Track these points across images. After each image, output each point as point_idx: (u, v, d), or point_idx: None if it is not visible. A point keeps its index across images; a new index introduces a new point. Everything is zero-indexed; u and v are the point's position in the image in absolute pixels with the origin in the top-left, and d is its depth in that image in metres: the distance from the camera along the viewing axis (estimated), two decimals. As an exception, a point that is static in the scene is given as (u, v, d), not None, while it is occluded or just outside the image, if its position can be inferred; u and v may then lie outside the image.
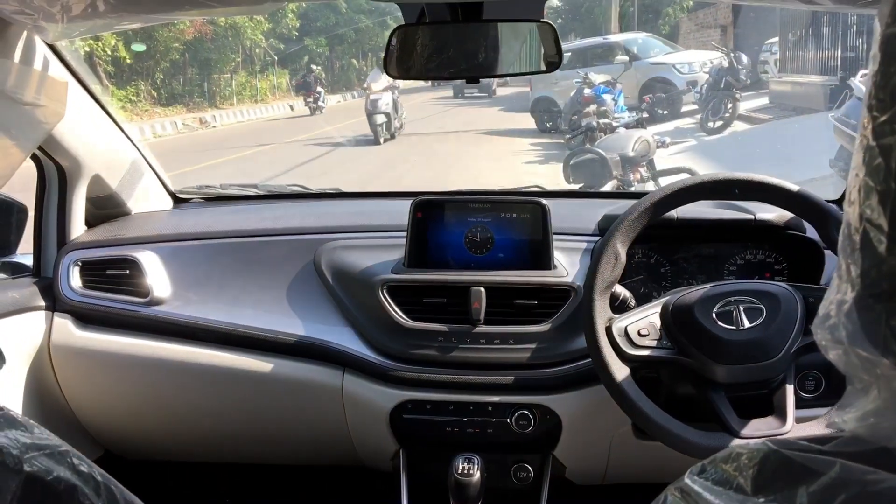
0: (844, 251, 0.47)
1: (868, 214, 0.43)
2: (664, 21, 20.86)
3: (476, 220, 1.62)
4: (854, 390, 0.48)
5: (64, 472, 0.61)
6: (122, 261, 1.71)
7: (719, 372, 1.28)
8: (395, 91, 12.55)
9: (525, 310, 1.57)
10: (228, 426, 1.80)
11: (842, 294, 0.47)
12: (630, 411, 1.32)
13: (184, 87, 18.92)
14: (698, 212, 1.61)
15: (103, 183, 1.80)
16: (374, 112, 12.20)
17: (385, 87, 12.16)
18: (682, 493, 0.51)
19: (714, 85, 10.80)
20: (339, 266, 1.67)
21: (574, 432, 1.59)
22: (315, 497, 2.19)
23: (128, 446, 1.92)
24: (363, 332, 1.62)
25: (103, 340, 1.69)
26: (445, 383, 1.57)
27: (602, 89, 9.16)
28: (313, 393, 1.65)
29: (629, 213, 1.38)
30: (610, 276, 1.37)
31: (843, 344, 0.46)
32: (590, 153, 6.03)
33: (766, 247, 1.67)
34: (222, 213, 1.95)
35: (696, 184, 1.38)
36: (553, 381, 1.55)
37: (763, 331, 1.27)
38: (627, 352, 1.32)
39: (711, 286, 1.34)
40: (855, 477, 0.42)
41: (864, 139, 0.44)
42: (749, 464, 0.49)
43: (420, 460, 1.66)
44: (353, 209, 1.96)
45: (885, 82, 0.42)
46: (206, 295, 1.72)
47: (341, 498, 2.14)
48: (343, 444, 1.70)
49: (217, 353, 1.66)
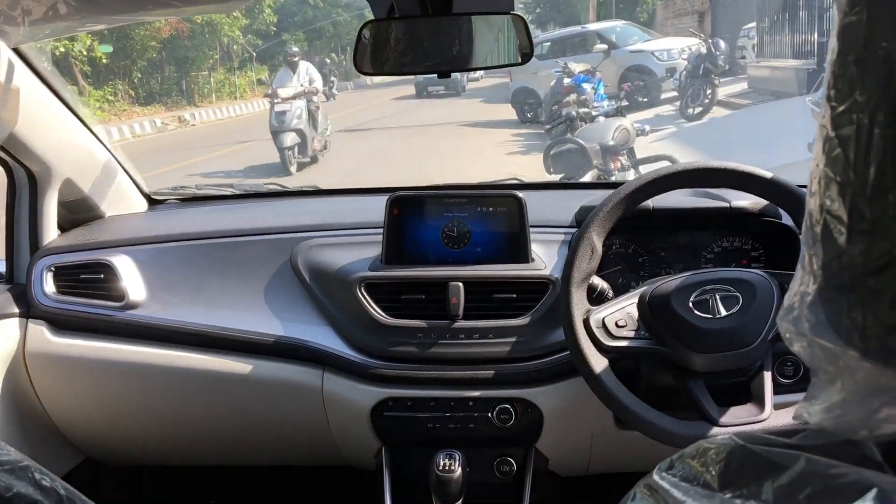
0: (807, 243, 0.46)
1: (828, 206, 0.43)
2: (642, 9, 20.91)
3: (453, 214, 1.62)
4: (819, 382, 0.47)
5: (25, 488, 0.60)
6: (96, 265, 1.69)
7: (697, 361, 1.28)
8: (315, 97, 9.65)
9: (504, 304, 1.56)
10: (209, 429, 1.78)
11: (805, 286, 0.46)
12: (609, 403, 1.32)
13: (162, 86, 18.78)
14: (674, 201, 1.61)
15: (75, 187, 1.78)
16: (280, 129, 9.00)
17: (297, 92, 9.29)
18: (651, 490, 0.51)
19: (693, 72, 10.84)
20: (316, 264, 1.66)
21: (556, 425, 1.59)
22: (299, 497, 2.18)
23: (108, 452, 1.90)
24: (342, 331, 1.61)
25: (79, 346, 1.68)
26: (426, 379, 1.56)
27: (582, 78, 9.16)
28: (293, 393, 1.64)
29: (604, 204, 1.38)
30: (586, 268, 1.37)
31: (806, 336, 0.46)
32: (570, 143, 6.03)
33: (742, 234, 1.67)
34: (198, 214, 1.93)
35: (670, 173, 1.38)
36: (533, 375, 1.55)
37: (739, 319, 1.27)
38: (605, 343, 1.32)
39: (687, 275, 1.34)
40: (819, 470, 0.42)
41: (824, 129, 0.44)
42: (716, 459, 0.48)
43: (403, 457, 1.66)
44: (329, 207, 1.95)
45: (843, 72, 0.42)
46: (183, 297, 1.70)
47: (325, 497, 2.14)
48: (325, 443, 1.69)
49: (195, 355, 1.65)
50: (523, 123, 12.47)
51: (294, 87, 9.30)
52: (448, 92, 18.91)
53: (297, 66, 9.70)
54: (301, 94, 9.27)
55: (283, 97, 9.09)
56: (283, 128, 8.96)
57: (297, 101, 9.14)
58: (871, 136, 0.38)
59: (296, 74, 9.59)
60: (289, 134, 9.00)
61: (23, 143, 1.59)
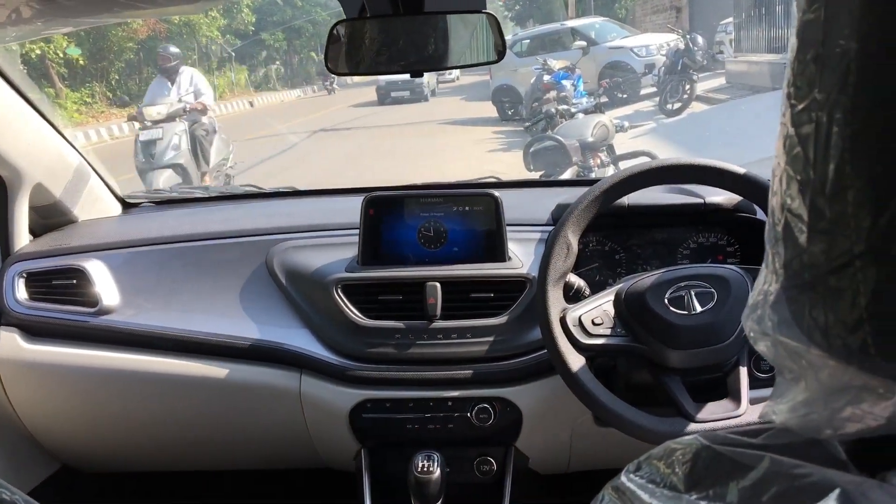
0: (769, 241, 0.46)
1: (789, 204, 0.43)
2: (620, 5, 20.95)
3: (429, 214, 1.61)
4: (784, 381, 0.47)
5: None
6: (68, 270, 1.67)
7: (673, 357, 1.28)
8: (205, 116, 6.66)
9: (481, 303, 1.56)
10: (187, 434, 1.77)
11: (768, 285, 0.46)
12: (586, 401, 1.32)
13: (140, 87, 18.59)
14: (649, 198, 1.61)
15: (46, 191, 1.76)
16: (150, 164, 6.17)
17: (175, 110, 6.45)
18: (618, 492, 0.51)
19: (671, 67, 10.88)
20: (292, 267, 1.65)
21: (535, 423, 1.58)
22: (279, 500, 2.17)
23: (85, 459, 1.88)
24: (319, 333, 1.60)
25: (53, 353, 1.65)
26: (404, 380, 1.56)
27: (561, 75, 9.18)
28: (271, 396, 1.63)
29: (579, 202, 1.38)
30: (562, 266, 1.37)
31: (770, 335, 0.45)
32: (549, 140, 6.03)
33: (717, 230, 1.68)
34: (172, 217, 1.91)
35: (644, 171, 1.38)
36: (511, 374, 1.55)
37: (715, 315, 1.27)
38: (582, 341, 1.32)
39: (662, 272, 1.34)
40: (783, 470, 0.42)
41: (784, 127, 0.44)
42: (682, 460, 0.48)
43: (382, 459, 1.65)
44: (305, 208, 1.94)
45: (802, 70, 0.42)
46: (158, 302, 1.69)
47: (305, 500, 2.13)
48: (304, 445, 1.68)
49: (171, 360, 1.63)
50: (504, 121, 12.48)
51: (170, 105, 6.49)
52: (413, 97, 17.70)
53: (175, 73, 6.75)
54: (180, 112, 6.48)
55: (153, 119, 6.34)
56: (155, 161, 6.16)
57: (173, 124, 6.35)
58: (829, 135, 0.38)
59: (175, 86, 6.73)
60: (161, 173, 6.10)
61: None
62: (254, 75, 23.26)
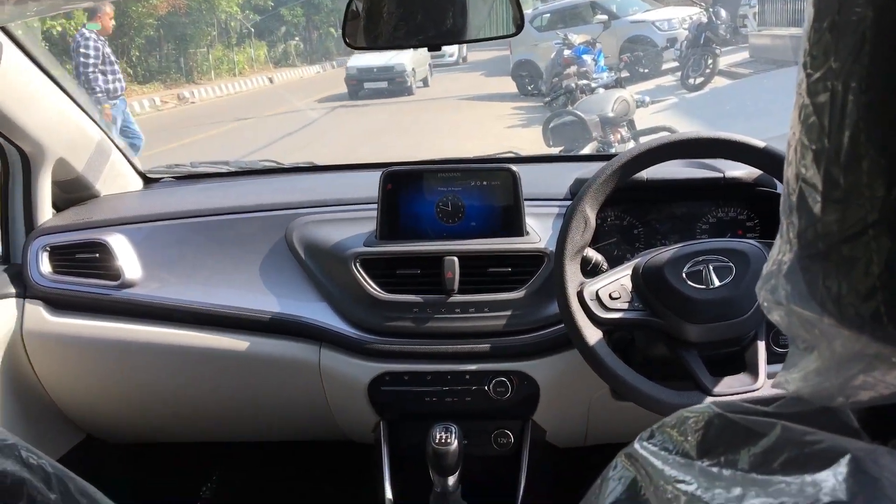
0: (784, 212, 0.46)
1: (803, 174, 0.43)
2: (642, -22, 20.64)
3: (447, 189, 1.61)
4: (797, 351, 0.48)
5: (11, 466, 0.60)
6: (91, 244, 1.69)
7: (691, 331, 1.28)
8: None
9: (499, 277, 1.56)
10: (209, 406, 1.79)
11: (782, 255, 0.46)
12: (603, 374, 1.32)
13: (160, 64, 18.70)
14: (669, 172, 1.60)
15: (69, 166, 1.78)
16: None
17: None
18: (631, 460, 0.51)
19: (694, 41, 10.76)
20: (311, 241, 1.66)
21: (552, 397, 1.59)
22: (299, 471, 2.20)
23: (109, 430, 1.92)
24: (338, 307, 1.61)
25: (77, 325, 1.68)
26: (422, 354, 1.57)
27: (582, 50, 9.10)
28: (291, 369, 1.65)
29: (597, 176, 1.38)
30: (580, 240, 1.36)
31: (783, 305, 0.46)
32: (569, 115, 5.99)
33: (736, 204, 1.67)
34: (193, 192, 1.93)
35: (663, 144, 1.37)
36: (529, 348, 1.56)
37: (733, 289, 1.27)
38: (599, 315, 1.32)
39: (681, 246, 1.34)
40: (795, 438, 0.42)
41: (800, 97, 0.44)
42: (694, 428, 0.49)
43: (401, 431, 1.67)
44: (324, 182, 1.94)
45: (818, 38, 0.42)
46: (179, 275, 1.71)
47: (324, 471, 2.16)
48: (323, 418, 1.70)
49: (193, 333, 1.66)
50: (524, 96, 12.41)
51: None
52: (393, 89, 14.72)
53: None
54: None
55: None
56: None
57: None
58: (844, 103, 0.38)
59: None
60: None
61: (14, 122, 1.59)
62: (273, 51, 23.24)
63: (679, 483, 0.45)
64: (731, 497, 0.41)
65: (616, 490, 0.50)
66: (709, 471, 0.45)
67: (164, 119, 14.18)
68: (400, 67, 14.77)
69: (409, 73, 14.92)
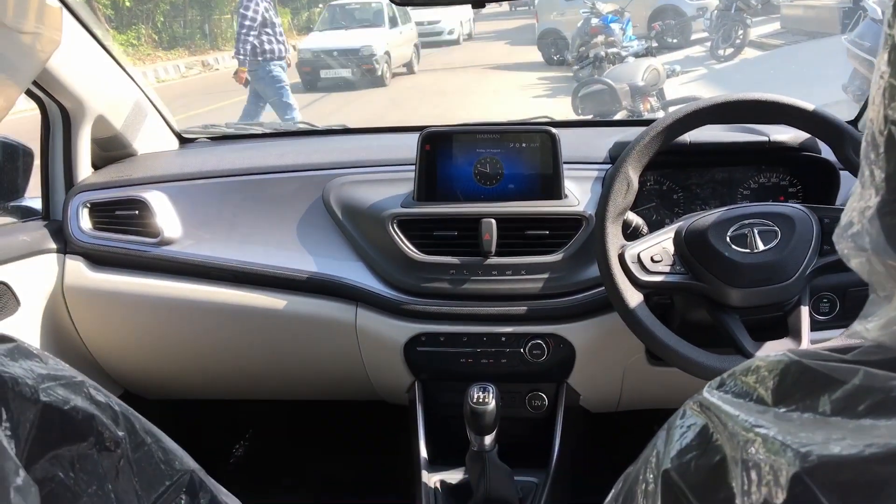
0: (867, 157, 0.45)
1: (893, 116, 0.42)
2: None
3: (485, 151, 1.60)
4: (877, 299, 0.47)
5: (81, 402, 0.61)
6: (131, 201, 1.71)
7: (734, 295, 1.27)
8: None
9: (536, 240, 1.56)
10: (244, 364, 1.81)
11: (865, 201, 0.45)
12: (644, 337, 1.32)
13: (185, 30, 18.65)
14: (711, 136, 1.58)
15: (107, 123, 1.79)
16: None
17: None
18: (702, 407, 0.51)
19: (724, 11, 10.57)
20: (349, 201, 1.66)
21: (587, 360, 1.59)
22: (334, 431, 2.22)
23: (146, 385, 1.95)
24: (375, 267, 1.62)
25: (116, 281, 1.70)
26: (458, 315, 1.57)
27: (610, 18, 8.98)
28: (327, 328, 1.66)
29: (640, 138, 1.36)
30: (622, 202, 1.35)
31: (866, 251, 0.45)
32: (598, 83, 5.93)
33: (780, 169, 1.64)
34: (229, 152, 1.93)
35: (708, 106, 1.35)
36: (566, 311, 1.55)
37: (778, 253, 1.26)
38: (640, 278, 1.32)
39: (725, 210, 1.32)
40: (878, 384, 0.41)
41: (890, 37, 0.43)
42: (769, 375, 0.48)
43: (435, 392, 1.68)
44: (360, 144, 1.94)
45: None
46: (217, 233, 1.72)
47: (359, 431, 2.18)
48: (359, 377, 1.72)
49: (230, 291, 1.67)
50: (550, 65, 12.28)
51: None
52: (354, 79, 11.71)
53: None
54: None
55: None
56: None
57: None
58: None
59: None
60: None
61: (56, 78, 1.59)
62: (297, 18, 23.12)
63: (756, 427, 0.44)
64: (815, 440, 0.40)
65: (686, 437, 0.50)
66: (787, 415, 0.44)
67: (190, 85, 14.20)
68: (367, 51, 11.72)
69: (379, 57, 11.79)
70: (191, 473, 0.70)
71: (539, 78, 11.30)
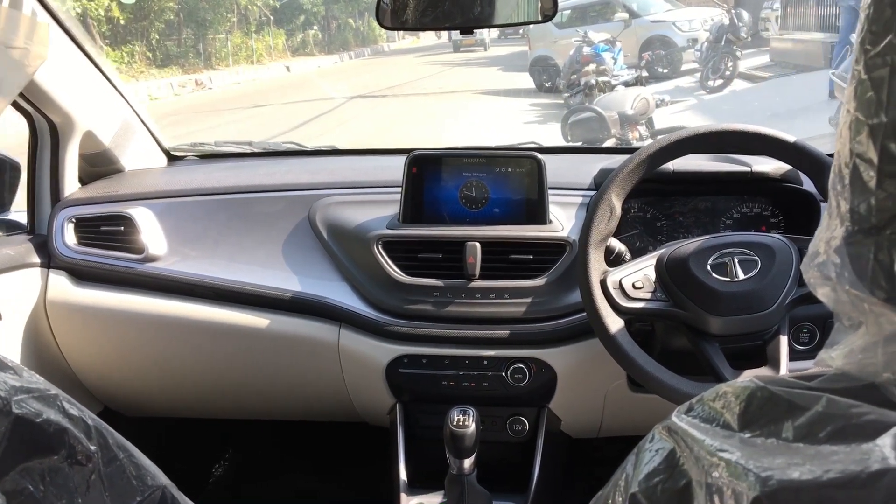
0: (834, 188, 0.46)
1: (858, 149, 0.43)
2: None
3: (471, 175, 1.61)
4: (842, 327, 0.48)
5: (54, 415, 0.61)
6: (116, 217, 1.71)
7: (714, 323, 1.28)
8: None
9: (520, 264, 1.57)
10: (226, 382, 1.81)
11: (831, 231, 0.46)
12: (624, 363, 1.33)
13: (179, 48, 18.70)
14: (695, 165, 1.60)
15: (96, 139, 1.79)
16: None
17: None
18: (670, 432, 0.52)
19: (714, 43, 10.68)
20: (334, 222, 1.67)
21: (569, 385, 1.59)
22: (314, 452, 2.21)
23: (126, 402, 1.93)
24: (359, 288, 1.62)
25: (99, 297, 1.69)
26: (441, 338, 1.57)
27: (601, 48, 9.06)
28: (310, 348, 1.66)
29: (624, 165, 1.37)
30: (605, 229, 1.37)
31: (831, 281, 0.46)
32: (588, 111, 5.99)
33: (762, 200, 1.66)
34: (217, 170, 1.94)
35: (692, 136, 1.36)
36: (548, 335, 1.56)
37: (758, 282, 1.27)
38: (622, 304, 1.32)
39: (706, 238, 1.33)
40: (840, 411, 0.42)
41: (857, 73, 0.44)
42: (736, 401, 0.49)
43: (417, 414, 1.67)
44: (347, 165, 1.95)
45: (878, 15, 0.42)
46: (202, 251, 1.72)
47: (339, 452, 2.17)
48: (340, 398, 1.71)
49: (213, 309, 1.67)
50: (541, 92, 12.37)
51: None
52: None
53: None
54: None
55: None
56: None
57: None
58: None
59: None
60: None
61: (45, 93, 1.60)
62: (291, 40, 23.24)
63: (721, 452, 0.45)
64: (776, 465, 0.41)
65: (654, 461, 0.51)
66: (751, 441, 0.45)
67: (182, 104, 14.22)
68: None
69: None
70: (162, 489, 0.70)
71: (530, 104, 11.38)
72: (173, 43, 18.62)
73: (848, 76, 0.45)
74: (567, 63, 9.94)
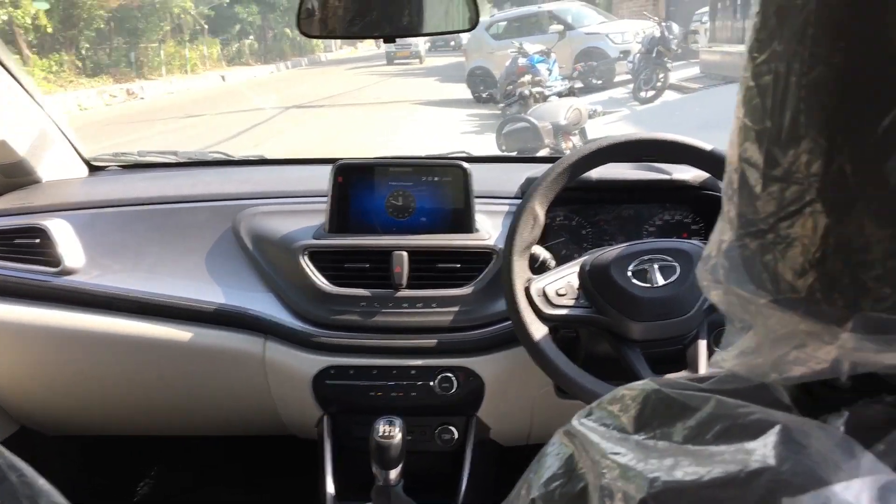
0: (726, 193, 0.47)
1: (745, 155, 0.44)
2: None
3: (398, 184, 1.61)
4: (733, 329, 0.49)
5: None
6: (31, 230, 1.65)
7: (634, 329, 1.30)
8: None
9: (447, 273, 1.57)
10: (149, 398, 1.76)
11: (722, 234, 0.47)
12: (547, 370, 1.33)
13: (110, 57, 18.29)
14: (617, 173, 1.62)
15: (9, 149, 1.73)
16: None
17: None
18: (569, 436, 0.52)
19: (646, 54, 10.93)
20: (259, 232, 1.64)
21: (497, 393, 1.60)
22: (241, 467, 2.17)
23: (44, 421, 1.87)
24: (284, 299, 1.60)
25: (14, 312, 1.63)
26: (368, 348, 1.56)
27: (536, 59, 9.18)
28: (235, 361, 1.62)
29: (546, 175, 1.39)
30: (528, 237, 1.38)
31: (721, 284, 0.46)
32: (522, 121, 6.05)
33: (683, 207, 1.70)
34: (139, 180, 1.89)
35: (611, 145, 1.39)
36: (475, 344, 1.56)
37: (677, 288, 1.29)
38: (545, 311, 1.33)
39: (627, 245, 1.35)
40: (728, 411, 0.43)
41: (745, 80, 0.45)
42: (632, 403, 0.49)
43: (344, 426, 1.65)
44: (274, 175, 1.92)
45: (764, 23, 0.43)
46: (122, 264, 1.67)
47: (267, 467, 2.13)
48: (267, 412, 1.68)
49: (134, 322, 1.62)
50: (478, 103, 12.46)
51: None
52: None
53: None
54: None
55: None
56: None
57: None
58: (787, 84, 0.39)
59: None
60: None
61: None
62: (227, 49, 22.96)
63: (614, 455, 0.45)
64: (664, 466, 0.42)
65: (553, 465, 0.51)
66: (644, 443, 0.45)
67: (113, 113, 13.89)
68: None
69: None
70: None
71: (468, 115, 11.44)
72: (104, 52, 18.20)
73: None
74: (503, 74, 10.05)
